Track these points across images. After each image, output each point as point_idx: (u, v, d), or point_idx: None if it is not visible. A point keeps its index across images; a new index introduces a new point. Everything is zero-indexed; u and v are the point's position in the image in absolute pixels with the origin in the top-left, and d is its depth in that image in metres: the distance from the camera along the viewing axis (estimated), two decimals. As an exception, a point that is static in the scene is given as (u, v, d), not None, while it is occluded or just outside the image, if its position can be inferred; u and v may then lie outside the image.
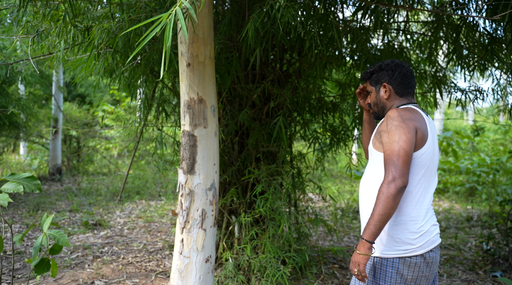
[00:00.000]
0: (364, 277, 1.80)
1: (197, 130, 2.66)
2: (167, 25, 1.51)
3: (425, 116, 1.94)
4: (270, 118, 3.80)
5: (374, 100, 2.08)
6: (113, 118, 14.09)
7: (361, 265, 1.79)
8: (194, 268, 2.69)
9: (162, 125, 4.22)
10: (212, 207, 2.73)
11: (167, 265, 4.18)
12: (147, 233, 5.47)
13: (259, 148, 3.70)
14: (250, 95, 3.59)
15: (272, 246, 3.43)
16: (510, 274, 4.31)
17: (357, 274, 1.82)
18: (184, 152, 2.68)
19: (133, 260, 4.30)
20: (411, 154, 1.79)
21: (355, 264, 1.82)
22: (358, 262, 1.80)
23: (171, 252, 4.57)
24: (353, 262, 1.84)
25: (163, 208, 7.21)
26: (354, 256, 1.83)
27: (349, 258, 4.60)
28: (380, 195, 1.76)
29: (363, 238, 1.80)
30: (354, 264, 1.82)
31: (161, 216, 6.51)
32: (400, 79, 2.00)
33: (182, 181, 2.69)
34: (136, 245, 4.87)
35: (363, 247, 1.79)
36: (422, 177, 1.87)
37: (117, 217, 6.49)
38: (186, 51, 2.62)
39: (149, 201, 8.02)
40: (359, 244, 1.82)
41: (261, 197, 3.42)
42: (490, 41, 2.98)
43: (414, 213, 1.86)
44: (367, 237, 1.78)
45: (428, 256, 1.86)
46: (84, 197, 8.00)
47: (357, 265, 1.81)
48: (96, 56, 3.28)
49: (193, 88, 2.64)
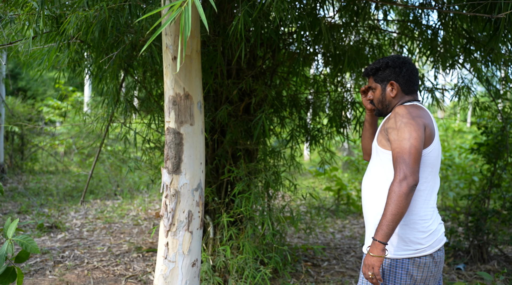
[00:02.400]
0: (379, 280, 1.76)
1: (183, 128, 2.53)
2: (182, 13, 1.39)
3: (430, 113, 1.93)
4: (247, 115, 3.71)
5: (379, 97, 2.03)
6: (59, 113, 13.38)
7: (375, 267, 1.74)
8: (180, 273, 2.55)
9: (130, 122, 4.01)
10: (199, 209, 2.60)
11: (137, 268, 3.98)
12: (109, 235, 5.20)
13: (235, 145, 3.60)
14: (227, 92, 3.47)
15: (251, 246, 3.35)
16: (471, 266, 4.49)
17: (371, 278, 1.76)
18: (169, 150, 2.53)
19: (99, 264, 4.06)
20: (421, 152, 1.77)
21: (369, 267, 1.76)
22: (372, 264, 1.75)
23: (139, 254, 4.37)
24: (366, 265, 1.78)
25: (121, 208, 6.91)
26: (367, 258, 1.78)
27: (321, 256, 4.61)
28: (392, 194, 1.72)
29: (376, 239, 1.74)
30: (368, 267, 1.76)
31: (121, 217, 6.23)
32: (408, 77, 1.97)
33: (166, 182, 2.55)
34: (100, 248, 4.61)
35: (377, 249, 1.74)
36: (429, 175, 1.86)
37: (72, 218, 6.14)
38: (171, 44, 2.47)
39: (104, 200, 7.67)
40: (371, 246, 1.76)
41: (240, 196, 3.32)
42: (468, 41, 3.06)
43: (422, 212, 1.84)
44: (381, 239, 1.73)
45: (436, 256, 1.85)
46: (33, 197, 7.51)
47: (371, 268, 1.75)
48: (64, 47, 3.04)
49: (179, 83, 2.50)
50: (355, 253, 4.83)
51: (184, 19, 1.37)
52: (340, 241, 5.39)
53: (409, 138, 1.75)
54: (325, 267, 4.30)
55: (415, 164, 1.74)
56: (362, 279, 1.93)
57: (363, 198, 2.02)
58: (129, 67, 3.42)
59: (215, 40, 3.06)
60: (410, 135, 1.76)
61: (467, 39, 3.06)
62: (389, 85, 2.00)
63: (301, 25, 2.47)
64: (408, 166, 1.72)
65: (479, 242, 4.64)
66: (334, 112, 3.96)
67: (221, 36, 3.14)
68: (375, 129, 2.21)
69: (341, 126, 3.95)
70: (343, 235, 5.69)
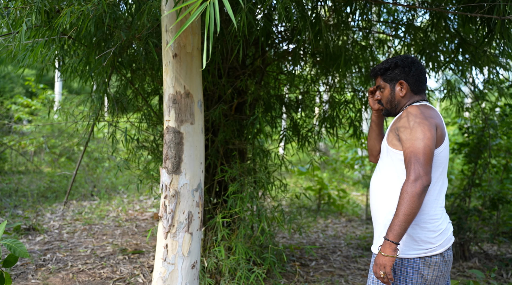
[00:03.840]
0: (390, 279, 1.76)
1: (184, 127, 2.47)
2: (207, 8, 1.34)
3: (439, 113, 1.95)
4: (239, 114, 3.67)
5: (388, 97, 2.03)
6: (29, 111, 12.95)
7: (387, 267, 1.74)
8: (179, 275, 2.50)
9: (118, 120, 3.90)
10: (199, 209, 2.55)
11: (124, 271, 3.88)
12: (91, 236, 5.06)
13: (227, 145, 3.55)
14: (221, 91, 3.43)
15: (243, 247, 3.31)
16: (454, 264, 4.59)
17: (382, 277, 1.76)
18: (168, 150, 2.47)
19: (84, 267, 3.93)
20: (433, 152, 1.78)
21: (381, 266, 1.76)
22: (384, 264, 1.74)
23: (125, 256, 4.26)
24: (377, 264, 1.77)
25: (100, 209, 6.74)
26: (379, 258, 1.77)
27: (308, 256, 4.62)
28: (405, 195, 1.72)
29: (388, 239, 1.74)
30: (380, 267, 1.76)
31: (101, 218, 6.07)
32: (417, 77, 1.98)
33: (166, 182, 2.48)
34: (83, 250, 4.47)
35: (389, 249, 1.74)
36: (440, 175, 1.87)
37: (49, 220, 5.93)
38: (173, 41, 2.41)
39: (81, 201, 7.46)
40: (383, 246, 1.76)
41: (234, 197, 3.28)
42: (460, 43, 3.12)
43: (432, 212, 1.85)
44: (393, 238, 1.73)
45: (446, 255, 1.87)
46: (5, 198, 7.22)
47: (383, 267, 1.75)
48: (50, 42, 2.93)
49: (179, 81, 2.44)
50: (341, 252, 4.87)
51: (210, 15, 1.32)
52: (324, 240, 5.42)
53: (423, 138, 1.76)
54: (313, 266, 4.31)
55: (428, 164, 1.74)
56: (373, 279, 1.92)
57: (372, 199, 2.01)
58: (119, 64, 3.32)
59: (214, 37, 3.01)
60: (424, 135, 1.76)
61: (458, 41, 3.13)
62: (398, 84, 2.01)
63: (304, 24, 2.46)
64: (422, 166, 1.73)
65: (460, 240, 4.75)
66: (324, 112, 3.97)
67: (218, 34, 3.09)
68: (382, 130, 2.21)
69: (331, 126, 3.96)
70: (327, 235, 5.72)
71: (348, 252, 4.88)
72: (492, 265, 4.54)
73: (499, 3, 2.38)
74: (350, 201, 7.97)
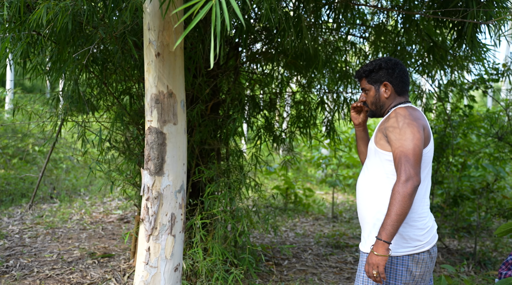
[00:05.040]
0: (383, 278, 1.79)
1: (166, 127, 2.42)
2: (213, 6, 1.32)
3: (424, 115, 2.01)
4: (214, 114, 3.65)
5: (373, 99, 2.08)
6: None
7: (380, 266, 1.77)
8: (162, 278, 2.45)
9: (88, 120, 3.77)
10: (181, 211, 2.51)
11: (95, 276, 3.75)
12: (55, 241, 4.86)
13: (203, 145, 3.52)
14: (198, 91, 3.39)
15: (220, 248, 3.29)
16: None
17: (375, 276, 1.80)
18: (151, 151, 2.41)
19: (52, 273, 3.78)
20: (422, 152, 1.84)
21: (374, 266, 1.78)
22: (377, 263, 1.77)
23: (94, 260, 4.12)
24: (370, 264, 1.80)
25: (62, 211, 6.49)
26: (372, 258, 1.80)
27: (280, 255, 4.65)
28: (397, 195, 1.76)
29: (381, 239, 1.77)
30: (372, 266, 1.79)
31: (64, 221, 5.85)
32: (400, 78, 2.04)
33: (148, 184, 2.43)
34: (48, 255, 4.29)
35: (382, 248, 1.77)
36: (426, 175, 1.94)
37: (7, 224, 5.65)
38: (155, 39, 2.37)
39: (40, 204, 7.15)
40: (375, 245, 1.79)
41: (211, 197, 3.25)
42: (432, 46, 3.24)
43: (420, 210, 1.91)
44: (385, 238, 1.77)
45: (432, 251, 1.94)
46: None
47: (376, 267, 1.78)
48: (17, 38, 2.79)
49: (162, 81, 2.39)
50: (312, 251, 4.93)
51: (216, 14, 1.30)
52: (294, 239, 5.47)
53: (413, 139, 1.81)
54: (286, 265, 4.34)
55: (418, 164, 1.80)
56: (363, 278, 1.95)
57: (359, 198, 2.05)
58: (92, 62, 3.22)
59: (193, 37, 2.97)
60: (414, 136, 1.81)
61: (429, 44, 3.24)
62: (382, 86, 2.06)
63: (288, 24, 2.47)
64: (412, 167, 1.78)
65: (425, 236, 4.92)
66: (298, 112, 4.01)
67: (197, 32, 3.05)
68: (367, 143, 2.26)
69: (304, 127, 4.00)
70: (296, 233, 5.78)
71: (319, 250, 4.96)
72: (454, 259, 4.74)
73: (472, 8, 2.49)
74: (316, 200, 8.09)
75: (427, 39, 3.24)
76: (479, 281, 4.15)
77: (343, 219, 7.02)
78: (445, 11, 2.81)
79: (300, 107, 4.02)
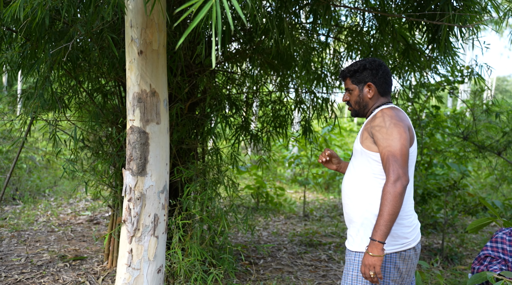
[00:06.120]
0: (380, 279, 1.81)
1: (149, 127, 2.38)
2: (214, 5, 1.31)
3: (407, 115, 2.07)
4: (192, 113, 3.61)
5: (357, 98, 2.12)
6: None
7: (376, 267, 1.78)
8: (145, 280, 2.41)
9: (59, 119, 3.65)
10: (164, 211, 2.47)
11: (67, 279, 3.64)
12: (22, 244, 4.68)
13: (181, 145, 3.48)
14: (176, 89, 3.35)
15: (198, 249, 3.27)
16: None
17: (372, 277, 1.80)
18: (133, 151, 2.37)
19: (21, 277, 3.64)
20: (409, 152, 1.89)
21: (370, 267, 1.79)
22: (374, 264, 1.78)
23: (66, 263, 4.00)
24: (366, 265, 1.81)
25: (26, 213, 6.25)
26: (367, 259, 1.81)
27: (256, 254, 4.66)
28: (388, 195, 1.79)
29: (376, 239, 1.79)
30: (369, 267, 1.80)
31: (30, 223, 5.64)
32: (383, 79, 2.08)
33: (130, 184, 2.38)
34: (15, 259, 4.13)
35: (377, 249, 1.78)
36: (411, 174, 1.99)
37: (-31, 227, 5.40)
38: (138, 37, 2.32)
39: (1, 206, 6.87)
40: (370, 246, 1.80)
41: (189, 198, 3.22)
42: (406, 48, 3.33)
43: (407, 208, 1.96)
44: (379, 238, 1.78)
45: (418, 248, 1.99)
46: None
47: (372, 267, 1.79)
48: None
49: (145, 79, 2.35)
50: (286, 249, 4.97)
51: (216, 13, 1.29)
52: (268, 238, 5.50)
53: (400, 138, 1.85)
54: (262, 265, 4.35)
55: (406, 164, 1.84)
56: (351, 277, 1.96)
57: (346, 197, 2.06)
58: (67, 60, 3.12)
59: (174, 35, 2.92)
60: (401, 136, 1.85)
61: (404, 46, 3.34)
62: (366, 86, 2.10)
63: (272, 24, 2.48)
64: (401, 167, 1.81)
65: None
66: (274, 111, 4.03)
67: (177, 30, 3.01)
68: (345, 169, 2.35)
69: (281, 126, 4.02)
70: (269, 232, 5.80)
71: (293, 249, 5.00)
72: (422, 255, 4.89)
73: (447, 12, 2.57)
74: (287, 199, 8.15)
75: (402, 41, 3.33)
76: (448, 276, 4.30)
77: (314, 217, 7.11)
78: (420, 15, 2.89)
79: (277, 107, 4.04)
